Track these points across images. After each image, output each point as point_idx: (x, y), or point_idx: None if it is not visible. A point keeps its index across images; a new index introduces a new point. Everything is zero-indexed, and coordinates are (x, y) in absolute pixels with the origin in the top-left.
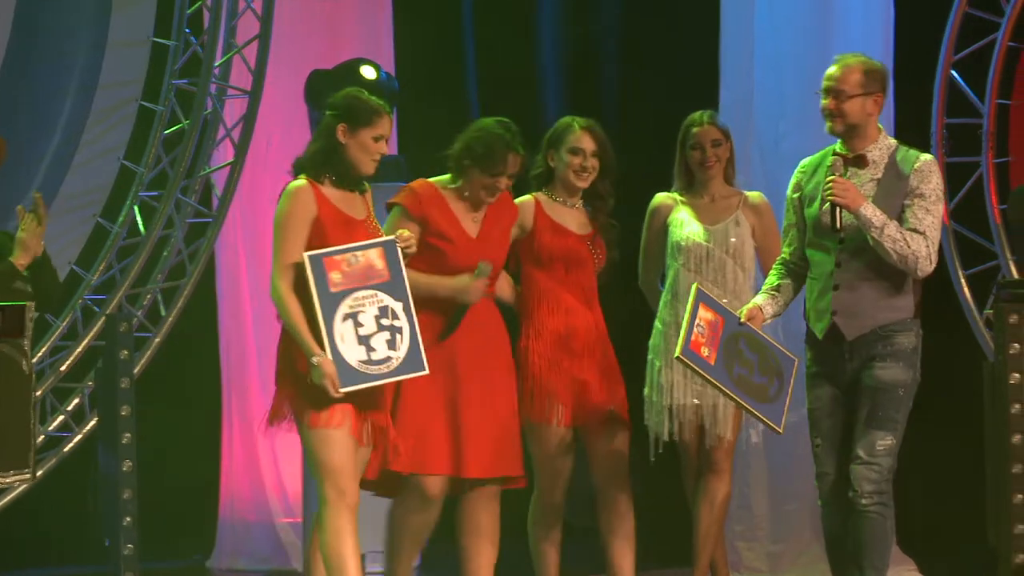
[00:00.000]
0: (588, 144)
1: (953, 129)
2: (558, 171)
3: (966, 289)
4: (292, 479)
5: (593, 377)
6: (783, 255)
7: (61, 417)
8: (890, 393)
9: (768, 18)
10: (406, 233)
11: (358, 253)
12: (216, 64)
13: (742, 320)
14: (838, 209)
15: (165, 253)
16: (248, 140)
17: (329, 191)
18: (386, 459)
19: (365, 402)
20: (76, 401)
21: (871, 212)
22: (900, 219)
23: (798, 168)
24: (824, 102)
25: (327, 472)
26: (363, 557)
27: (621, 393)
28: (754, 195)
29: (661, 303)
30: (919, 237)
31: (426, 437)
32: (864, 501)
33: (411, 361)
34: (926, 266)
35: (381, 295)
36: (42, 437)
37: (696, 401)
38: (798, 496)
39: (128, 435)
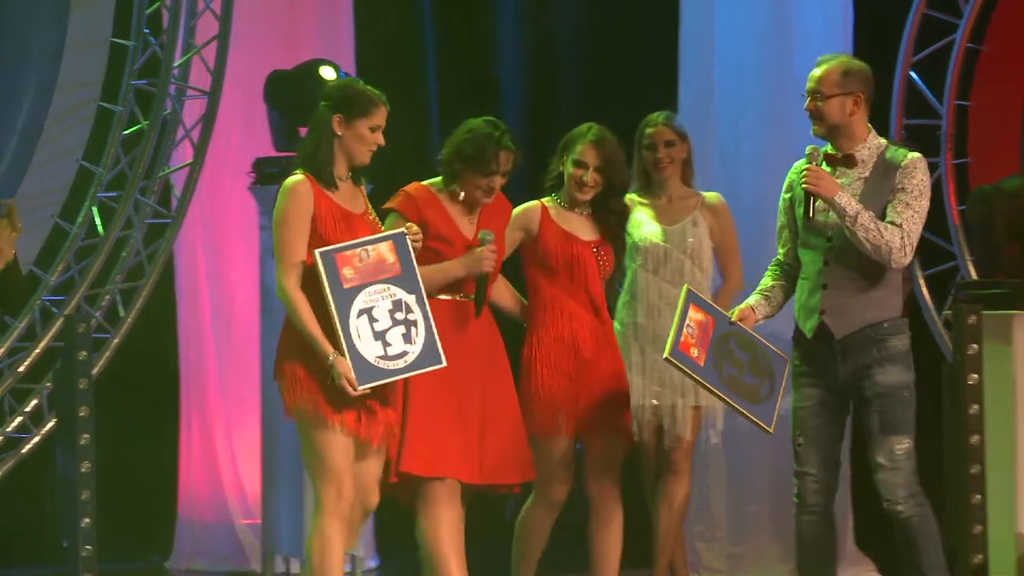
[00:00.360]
0: (592, 158)
1: (912, 130)
2: (566, 182)
3: (925, 290)
4: (251, 480)
5: (598, 387)
6: (778, 256)
7: (19, 418)
8: (896, 397)
9: (728, 19)
10: (415, 227)
11: (369, 247)
12: (175, 65)
13: (733, 320)
14: (812, 198)
15: (124, 254)
16: (207, 141)
17: (325, 185)
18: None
19: (375, 401)
20: (34, 402)
21: (845, 201)
22: (883, 215)
23: (791, 169)
24: (807, 104)
25: (326, 474)
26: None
27: (626, 402)
28: (711, 196)
29: (620, 304)
30: (895, 228)
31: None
32: (901, 507)
33: (428, 354)
34: (899, 257)
35: (394, 289)
36: (0, 438)
37: (655, 402)
38: (758, 497)
39: (86, 436)
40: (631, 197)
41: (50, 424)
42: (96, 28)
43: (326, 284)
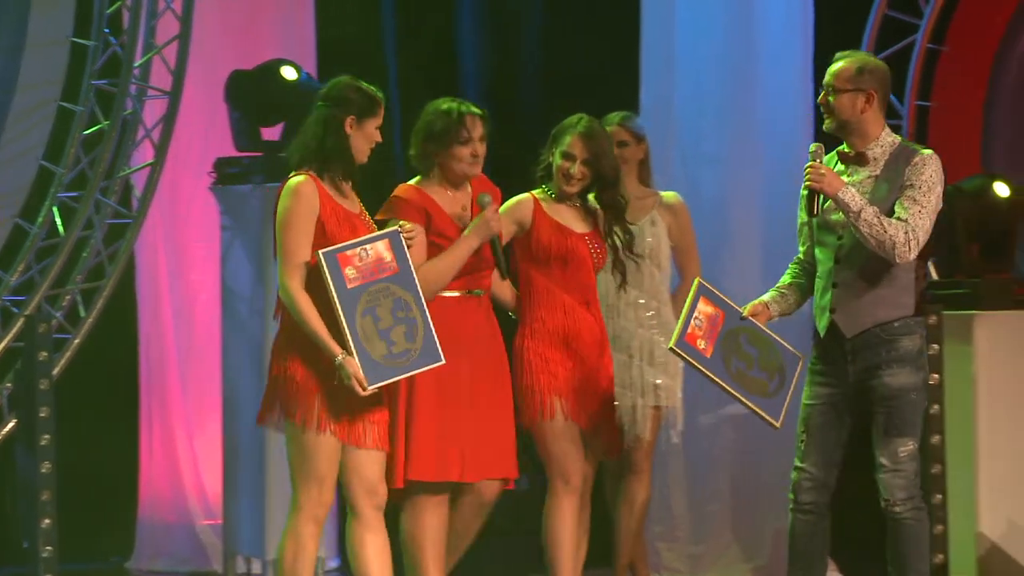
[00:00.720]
0: (579, 151)
1: None
2: (554, 174)
3: None
4: (212, 480)
5: (591, 380)
6: (798, 255)
7: None
8: (903, 399)
9: (688, 20)
10: (408, 224)
11: (367, 247)
12: (136, 64)
13: (745, 315)
14: (817, 195)
15: (84, 254)
16: (168, 141)
17: (328, 185)
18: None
19: (366, 405)
20: None
21: (849, 197)
22: (892, 212)
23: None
24: (819, 97)
25: (309, 478)
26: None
27: (612, 410)
28: (669, 195)
29: None
30: (899, 223)
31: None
32: (898, 508)
33: (428, 352)
34: (904, 252)
35: (393, 287)
36: None
37: (615, 402)
38: (718, 497)
39: (47, 436)
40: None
41: (10, 425)
42: (56, 27)
43: (331, 284)
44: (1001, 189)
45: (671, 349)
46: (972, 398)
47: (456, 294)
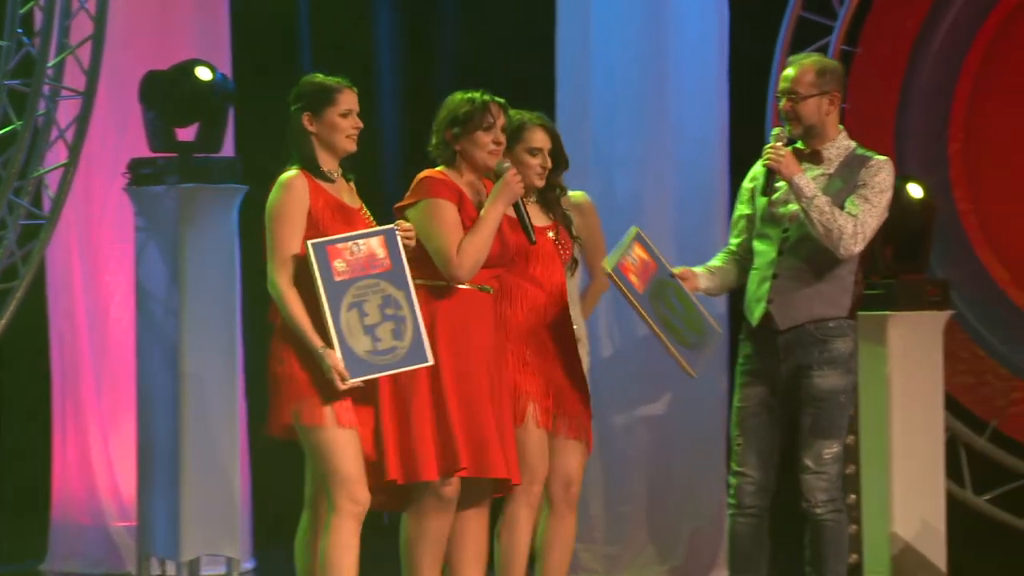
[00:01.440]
0: (545, 142)
1: None
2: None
3: None
4: (127, 482)
5: (566, 383)
6: (729, 245)
7: None
8: (832, 401)
9: (603, 20)
10: (407, 224)
11: (360, 241)
12: (49, 65)
13: (674, 273)
14: (773, 175)
15: None
16: (82, 141)
17: (322, 181)
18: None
19: (363, 401)
20: None
21: (804, 183)
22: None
23: (761, 160)
24: (781, 104)
25: (338, 479)
26: (198, 560)
27: (588, 409)
28: (577, 195)
29: None
30: (849, 217)
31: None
32: (819, 510)
33: (415, 351)
34: (850, 244)
35: (384, 284)
36: None
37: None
38: (632, 498)
39: None
40: None
41: None
42: None
43: (318, 276)
44: (915, 191)
45: (608, 273)
46: (886, 399)
47: (466, 287)
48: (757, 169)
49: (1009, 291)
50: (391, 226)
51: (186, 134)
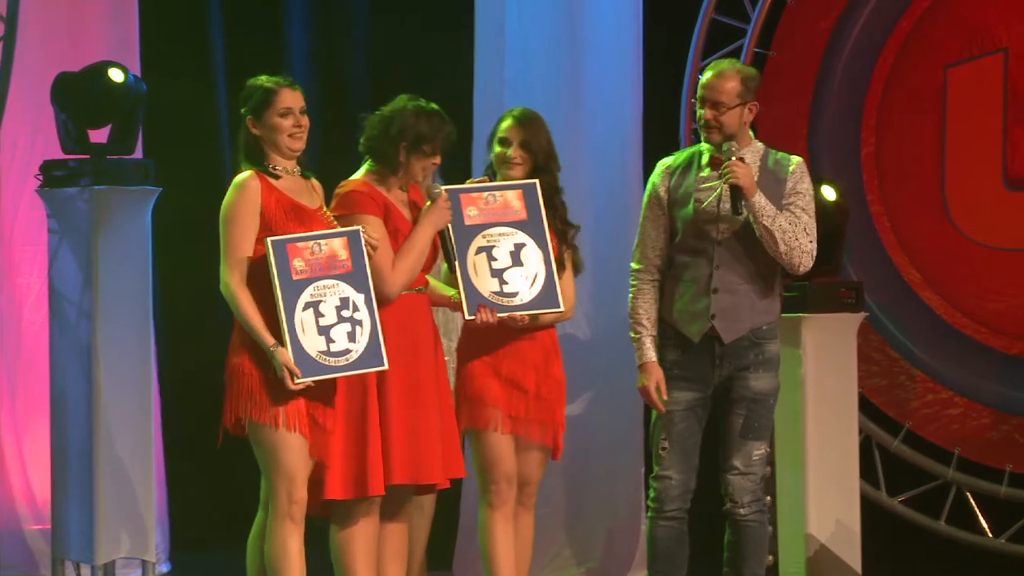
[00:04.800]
0: (514, 134)
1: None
2: (494, 165)
3: None
4: (41, 485)
5: (536, 389)
6: (639, 264)
7: None
8: (763, 403)
9: (517, 16)
10: (376, 234)
11: (321, 242)
12: None
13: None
14: (739, 193)
15: None
16: None
17: (277, 181)
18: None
19: (318, 407)
20: None
21: (765, 201)
22: None
23: (661, 168)
24: (701, 112)
25: (281, 477)
26: (113, 563)
27: (560, 415)
28: None
29: None
30: (804, 233)
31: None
32: (743, 511)
33: (370, 355)
34: (808, 261)
35: (343, 286)
36: None
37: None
38: (550, 499)
39: None
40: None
41: None
42: None
43: (275, 273)
44: (828, 193)
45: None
46: (801, 400)
47: (405, 292)
48: (658, 178)
49: (921, 293)
50: (356, 228)
51: (99, 136)
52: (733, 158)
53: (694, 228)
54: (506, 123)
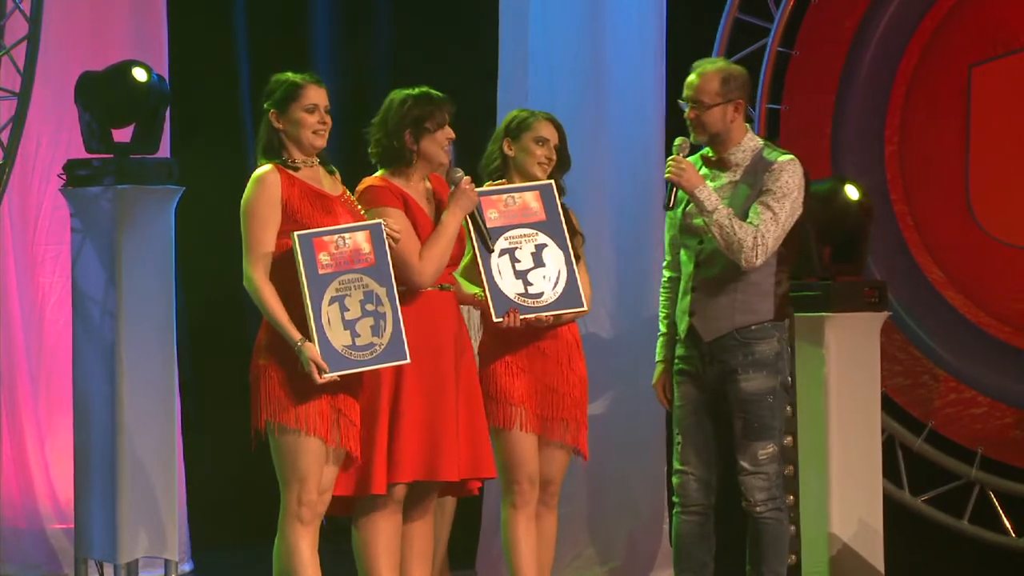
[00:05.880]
0: (552, 134)
1: None
2: (518, 161)
3: None
4: (64, 484)
5: (560, 387)
6: (665, 264)
7: None
8: (760, 403)
9: (542, 22)
10: (396, 225)
11: (345, 235)
12: None
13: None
14: (674, 188)
15: None
16: (17, 142)
17: (297, 172)
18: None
19: (346, 405)
20: None
21: (705, 195)
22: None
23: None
24: (685, 113)
25: (293, 479)
26: (136, 562)
27: (583, 415)
28: None
29: None
30: (750, 228)
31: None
32: (759, 509)
33: (394, 349)
34: (751, 257)
35: (366, 279)
36: None
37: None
38: (573, 498)
39: None
40: None
41: None
42: None
43: (302, 268)
44: (852, 192)
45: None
46: (824, 400)
47: (430, 289)
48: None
49: (945, 292)
50: (378, 221)
51: (122, 135)
52: (679, 155)
53: (683, 227)
54: (543, 123)
